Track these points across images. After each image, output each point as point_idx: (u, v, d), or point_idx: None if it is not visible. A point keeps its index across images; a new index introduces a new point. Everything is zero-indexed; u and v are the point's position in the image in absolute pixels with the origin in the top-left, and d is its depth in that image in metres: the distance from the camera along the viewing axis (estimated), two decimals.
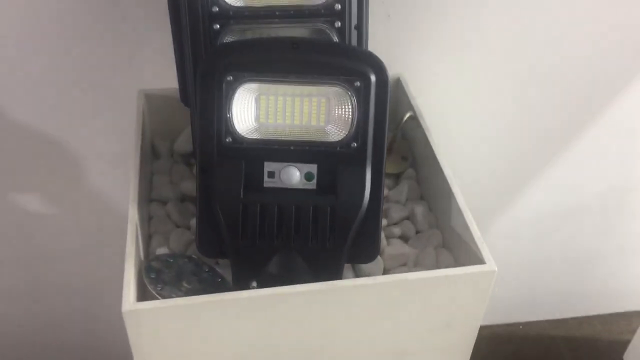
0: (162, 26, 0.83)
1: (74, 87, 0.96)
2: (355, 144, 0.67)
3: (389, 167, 0.88)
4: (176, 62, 0.80)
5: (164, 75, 0.88)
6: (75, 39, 0.92)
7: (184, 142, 0.89)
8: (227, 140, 0.67)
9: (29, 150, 1.02)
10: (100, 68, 0.94)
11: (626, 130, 1.19)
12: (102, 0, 0.89)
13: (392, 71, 0.90)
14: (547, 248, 1.37)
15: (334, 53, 0.67)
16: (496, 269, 0.68)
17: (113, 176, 1.04)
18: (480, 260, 0.69)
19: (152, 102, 0.89)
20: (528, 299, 1.50)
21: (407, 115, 0.86)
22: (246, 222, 0.67)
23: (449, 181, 0.77)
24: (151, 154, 0.90)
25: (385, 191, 0.85)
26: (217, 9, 0.67)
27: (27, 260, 1.17)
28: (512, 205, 1.27)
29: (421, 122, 0.86)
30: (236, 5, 0.68)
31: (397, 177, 0.89)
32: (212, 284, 0.71)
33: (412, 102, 0.89)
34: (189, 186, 0.83)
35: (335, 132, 0.68)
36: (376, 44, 0.93)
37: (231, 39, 0.69)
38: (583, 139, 1.17)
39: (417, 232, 0.82)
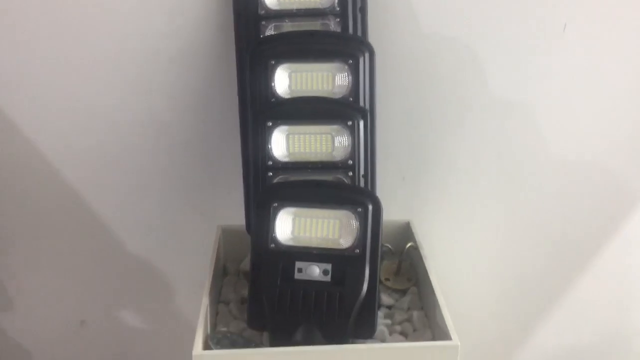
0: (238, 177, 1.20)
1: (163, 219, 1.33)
2: (358, 251, 0.98)
3: (397, 285, 1.16)
4: (245, 205, 1.16)
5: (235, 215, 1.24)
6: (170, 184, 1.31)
7: (248, 263, 1.22)
8: (271, 246, 0.99)
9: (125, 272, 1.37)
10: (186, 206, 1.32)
11: (617, 282, 1.42)
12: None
13: (405, 217, 1.23)
14: None
15: (345, 190, 1.01)
16: (459, 343, 0.93)
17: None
18: (448, 337, 0.94)
19: (227, 234, 1.23)
20: None
21: (408, 245, 1.16)
22: (281, 302, 0.97)
23: (435, 291, 1.05)
24: (222, 273, 1.23)
25: (392, 301, 1.13)
26: (271, 162, 1.04)
27: None
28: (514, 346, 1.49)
29: (421, 251, 1.15)
30: (284, 159, 1.04)
31: (403, 293, 1.16)
32: None
33: (416, 238, 1.19)
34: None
35: (345, 242, 0.99)
36: (395, 201, 1.28)
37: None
38: (579, 283, 1.41)
39: (414, 330, 1.08)
